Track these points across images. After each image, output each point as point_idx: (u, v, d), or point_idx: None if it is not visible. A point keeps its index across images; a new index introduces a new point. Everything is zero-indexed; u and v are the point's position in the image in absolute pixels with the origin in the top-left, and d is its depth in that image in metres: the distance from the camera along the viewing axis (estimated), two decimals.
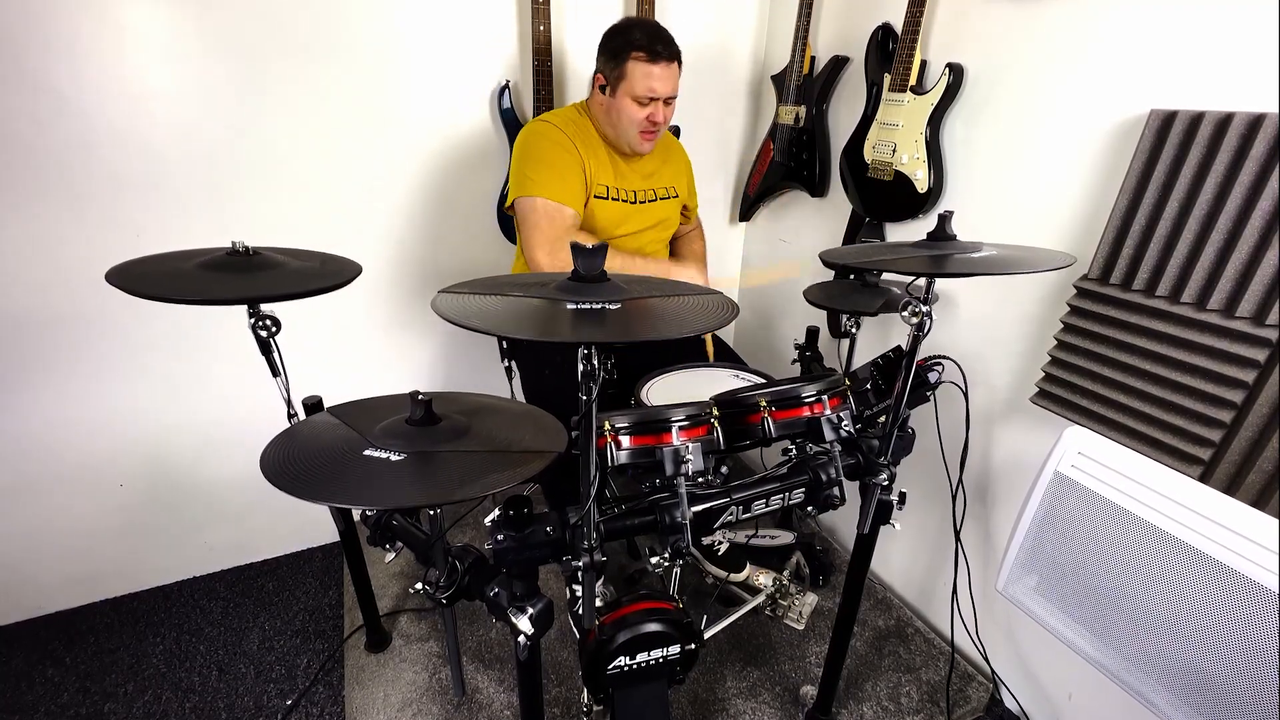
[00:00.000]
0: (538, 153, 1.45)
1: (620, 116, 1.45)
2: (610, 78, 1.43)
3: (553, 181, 1.42)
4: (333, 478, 0.74)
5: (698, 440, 0.98)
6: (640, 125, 1.46)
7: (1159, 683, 1.00)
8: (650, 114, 1.45)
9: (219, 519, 1.83)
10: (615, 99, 1.44)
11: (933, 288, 0.96)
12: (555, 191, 1.42)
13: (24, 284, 1.42)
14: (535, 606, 0.88)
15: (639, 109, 1.44)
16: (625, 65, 1.40)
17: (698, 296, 0.85)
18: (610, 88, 1.44)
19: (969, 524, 1.52)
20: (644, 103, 1.43)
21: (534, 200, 1.42)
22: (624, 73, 1.41)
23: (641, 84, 1.41)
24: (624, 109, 1.44)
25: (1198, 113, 1.00)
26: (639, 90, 1.41)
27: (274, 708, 1.48)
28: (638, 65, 1.40)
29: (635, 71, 1.40)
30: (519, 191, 1.44)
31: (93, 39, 1.32)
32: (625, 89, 1.42)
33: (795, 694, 1.48)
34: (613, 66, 1.42)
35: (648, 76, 1.40)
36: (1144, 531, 0.97)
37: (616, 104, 1.44)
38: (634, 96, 1.42)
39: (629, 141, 1.49)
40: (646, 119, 1.45)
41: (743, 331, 2.37)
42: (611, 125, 1.49)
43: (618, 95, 1.43)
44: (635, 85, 1.41)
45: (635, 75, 1.40)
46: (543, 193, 1.41)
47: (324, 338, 1.76)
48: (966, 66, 1.38)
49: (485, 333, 0.68)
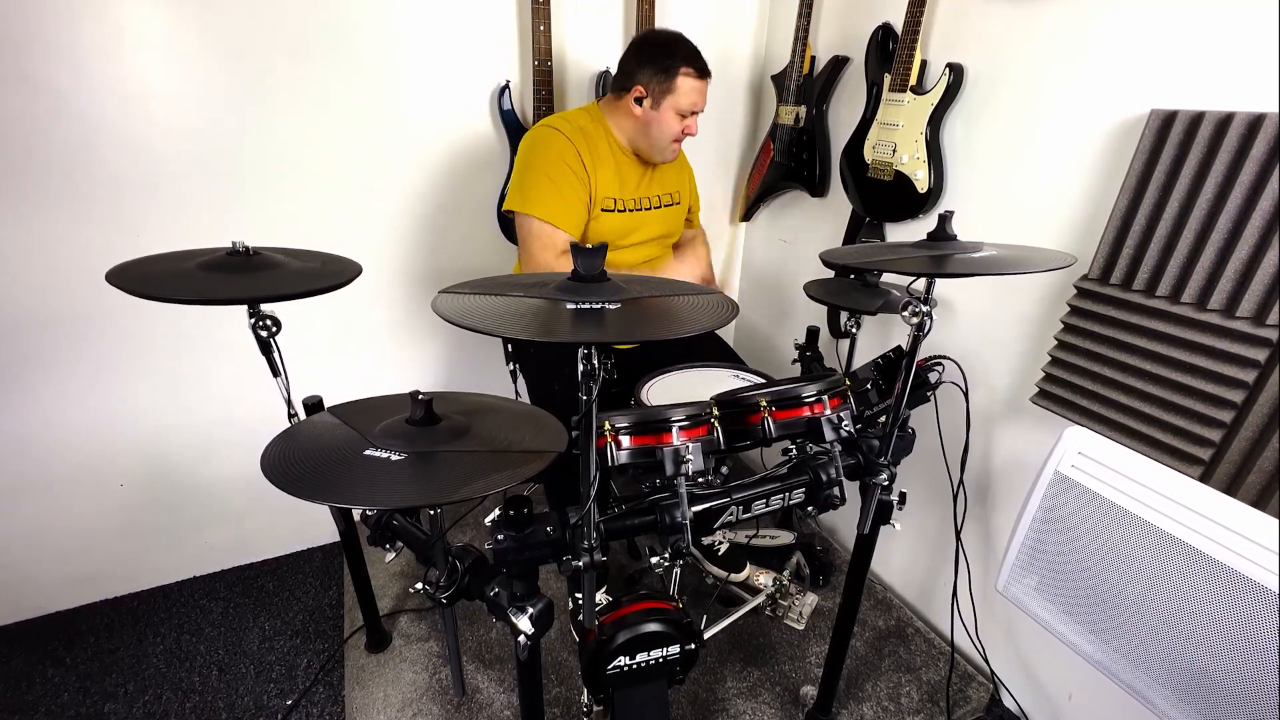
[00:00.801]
0: (542, 165, 1.45)
1: (661, 128, 1.51)
2: (655, 91, 1.48)
3: (552, 202, 1.44)
4: (333, 478, 0.74)
5: (698, 440, 0.98)
6: (676, 136, 1.54)
7: (1159, 682, 1.00)
8: (687, 126, 1.53)
9: (219, 519, 1.83)
10: (659, 111, 1.49)
11: (933, 288, 0.96)
12: (552, 213, 1.44)
13: (24, 284, 1.43)
14: (535, 606, 0.88)
15: (679, 121, 1.51)
16: (675, 80, 1.46)
17: (698, 296, 0.85)
18: (654, 100, 1.48)
19: (969, 524, 1.52)
20: (685, 116, 1.51)
21: (530, 221, 1.44)
22: (673, 87, 1.47)
23: (687, 99, 1.48)
24: (666, 121, 1.50)
25: (1198, 113, 1.00)
26: (684, 104, 1.49)
27: (274, 708, 1.48)
28: (687, 81, 1.47)
29: (684, 86, 1.47)
30: (518, 205, 1.46)
31: (93, 39, 1.32)
32: (670, 102, 1.48)
33: (795, 694, 1.48)
34: (661, 80, 1.47)
35: (694, 92, 1.48)
36: (1144, 531, 0.97)
37: (659, 116, 1.50)
38: (678, 109, 1.49)
39: (662, 152, 1.56)
40: (683, 130, 1.53)
41: (743, 331, 2.37)
42: (648, 137, 1.53)
43: (661, 108, 1.49)
44: (681, 99, 1.48)
45: (683, 90, 1.47)
46: (539, 213, 1.43)
47: (324, 338, 1.76)
48: (966, 66, 1.38)
49: (485, 333, 0.68)
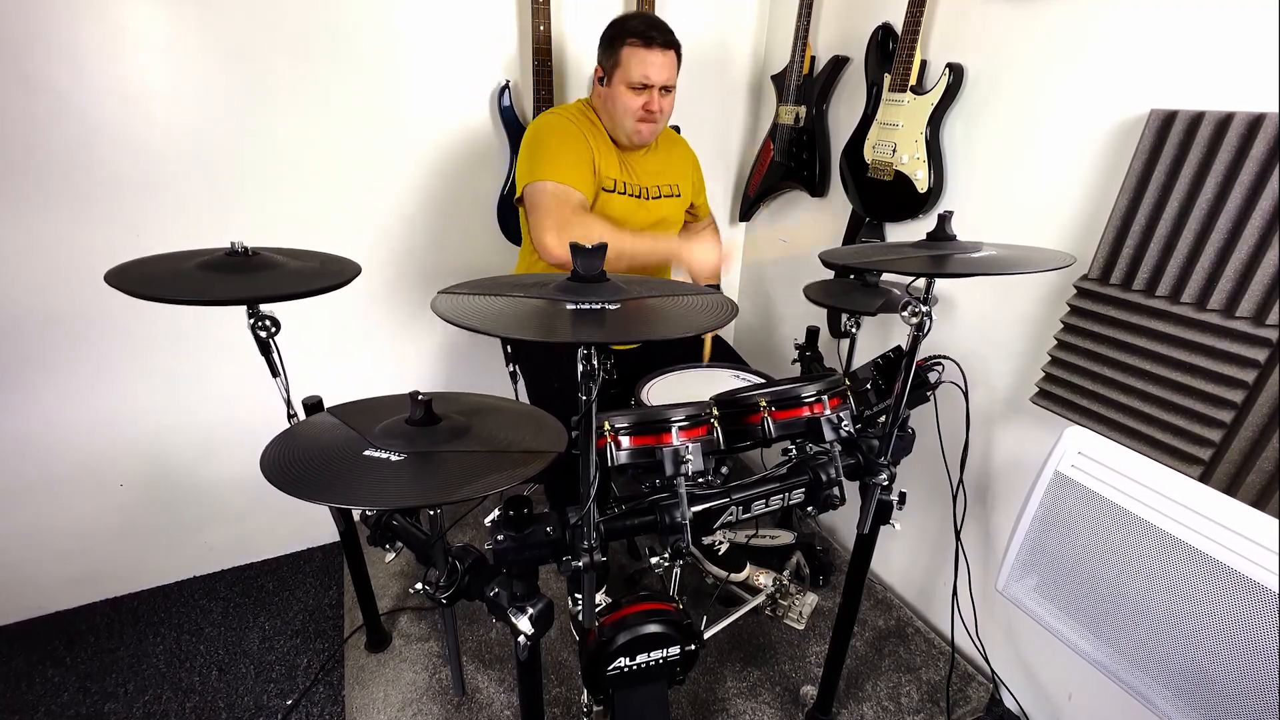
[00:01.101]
0: (547, 140, 1.45)
1: (616, 105, 1.46)
2: (607, 67, 1.45)
3: (562, 166, 1.42)
4: (333, 478, 0.74)
5: (698, 440, 0.98)
6: (636, 114, 1.46)
7: (1159, 682, 1.00)
8: (646, 102, 1.45)
9: (219, 519, 1.83)
10: (611, 88, 1.45)
11: (933, 288, 0.96)
12: (564, 175, 1.41)
13: (24, 284, 1.43)
14: (535, 606, 0.88)
15: (634, 96, 1.44)
16: (620, 52, 1.41)
17: (697, 296, 0.85)
18: (607, 77, 1.45)
19: (969, 524, 1.52)
20: (638, 89, 1.43)
21: (543, 184, 1.40)
22: (619, 60, 1.42)
23: (636, 70, 1.41)
24: (619, 97, 1.45)
25: (1198, 113, 1.00)
26: (634, 76, 1.41)
27: (274, 708, 1.48)
28: (632, 51, 1.41)
29: (630, 58, 1.41)
30: (528, 178, 1.42)
31: (93, 39, 1.32)
32: (620, 76, 1.43)
33: (795, 694, 1.48)
34: (609, 54, 1.43)
35: (642, 63, 1.41)
36: (1144, 531, 0.97)
37: (613, 93, 1.45)
38: (629, 83, 1.42)
39: (626, 132, 1.49)
40: (642, 107, 1.45)
41: (743, 331, 2.37)
42: (610, 116, 1.49)
43: (613, 84, 1.44)
44: (630, 71, 1.41)
45: (630, 61, 1.41)
46: (551, 176, 1.40)
47: (324, 338, 1.76)
48: (966, 66, 1.38)
49: (484, 333, 0.68)
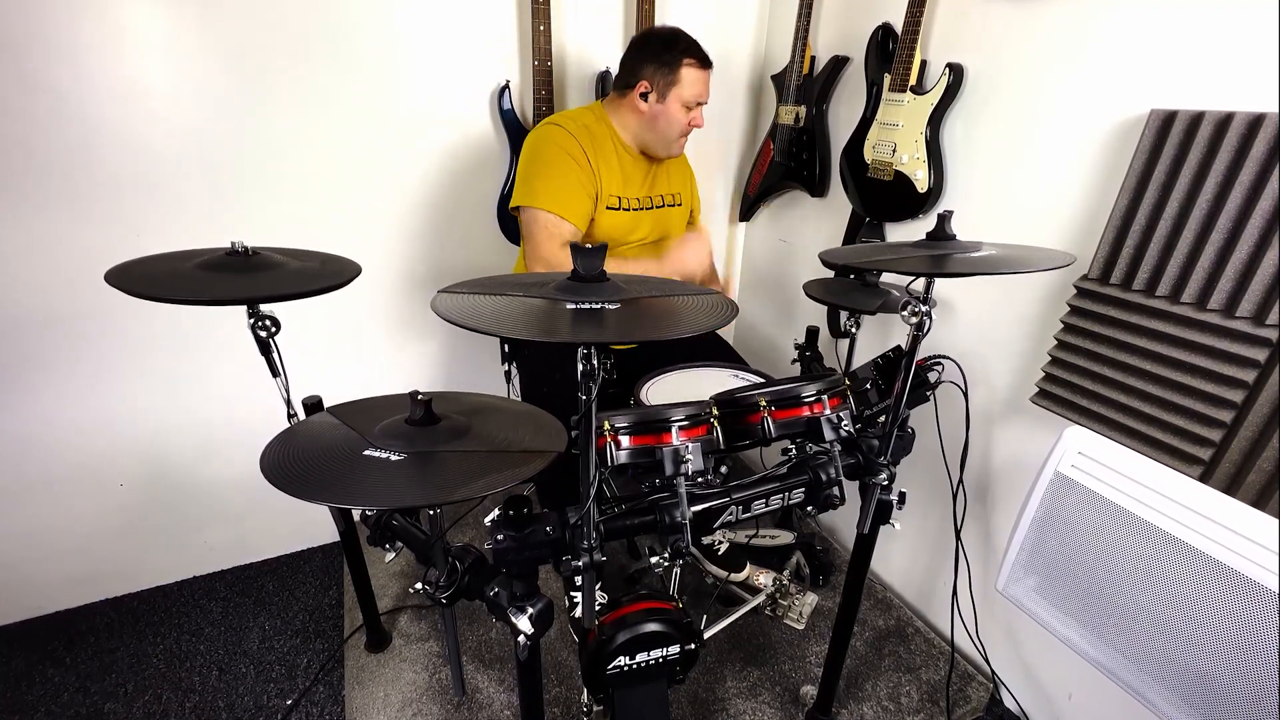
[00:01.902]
0: (547, 160, 1.46)
1: (669, 121, 1.51)
2: (660, 84, 1.48)
3: (557, 194, 1.44)
4: (332, 478, 0.74)
5: (697, 440, 0.98)
6: (684, 129, 1.54)
7: (1159, 682, 1.00)
8: (693, 118, 1.53)
9: (219, 519, 1.83)
10: (665, 104, 1.50)
11: (932, 288, 0.96)
12: (558, 205, 1.44)
13: (24, 284, 1.43)
14: (535, 606, 0.88)
15: (685, 113, 1.52)
16: (679, 71, 1.47)
17: (697, 296, 0.85)
18: (659, 94, 1.49)
19: (969, 524, 1.52)
20: (691, 107, 1.51)
21: (536, 213, 1.44)
22: (677, 79, 1.48)
23: (692, 89, 1.49)
24: (673, 114, 1.50)
25: (1198, 113, 1.00)
26: (688, 95, 1.49)
27: (274, 707, 1.48)
28: (691, 71, 1.48)
29: (688, 77, 1.48)
30: (524, 200, 1.46)
31: (93, 39, 1.32)
32: (676, 94, 1.49)
33: (795, 694, 1.48)
34: (665, 73, 1.47)
35: (698, 82, 1.49)
36: (1144, 531, 0.97)
37: (666, 109, 1.50)
38: (684, 101, 1.50)
39: (669, 145, 1.56)
40: (689, 123, 1.53)
41: (743, 331, 2.37)
42: (655, 131, 1.53)
43: (668, 100, 1.49)
44: (685, 90, 1.48)
45: (688, 81, 1.48)
46: (545, 205, 1.44)
47: (324, 338, 1.76)
48: (966, 66, 1.38)
49: (484, 333, 0.68)
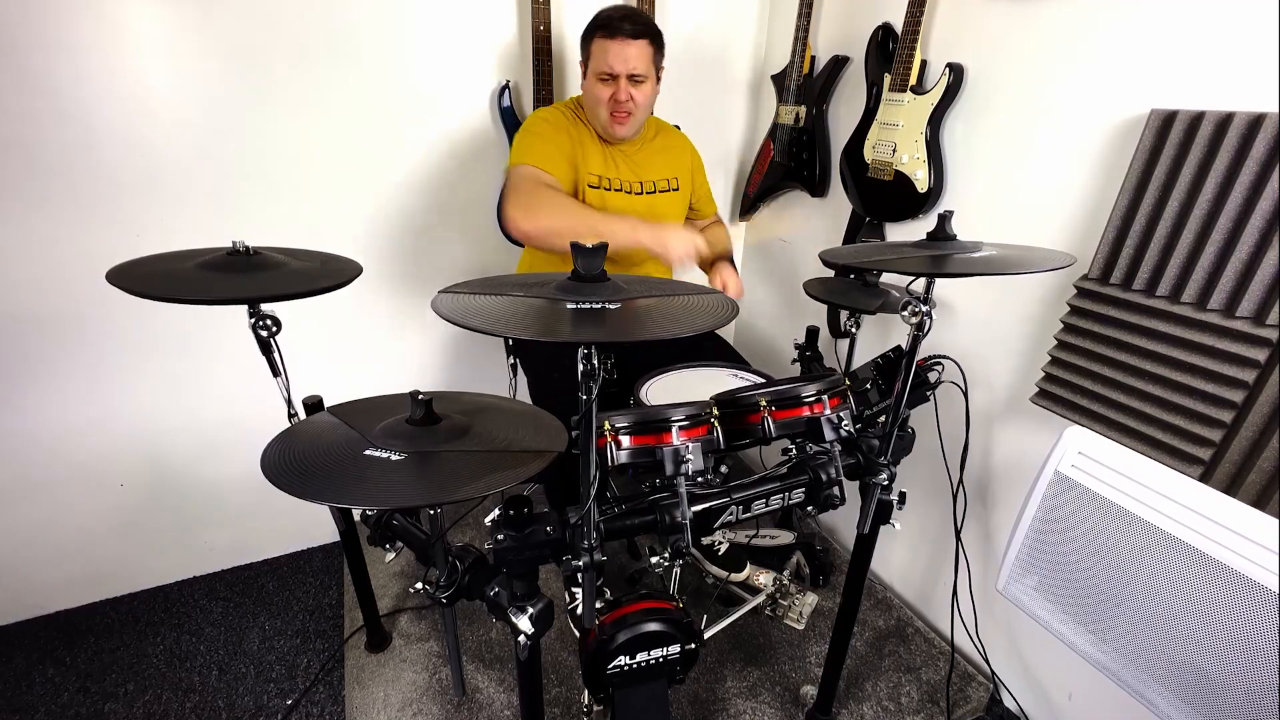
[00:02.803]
0: (529, 131, 1.48)
1: (589, 97, 1.48)
2: (583, 59, 1.48)
3: (540, 150, 1.44)
4: (333, 478, 0.74)
5: (698, 440, 0.98)
6: (606, 105, 1.46)
7: (1159, 682, 1.00)
8: (614, 92, 1.44)
9: (219, 519, 1.83)
10: (586, 80, 1.47)
11: (933, 288, 0.96)
12: (540, 158, 1.43)
13: (25, 284, 1.43)
14: (535, 606, 0.88)
15: (604, 87, 1.44)
16: (590, 45, 1.44)
17: (698, 296, 0.85)
18: (584, 70, 1.48)
19: (969, 524, 1.52)
20: (605, 79, 1.44)
21: (519, 168, 1.43)
22: (589, 52, 1.45)
23: (601, 60, 1.42)
24: (591, 89, 1.47)
25: (1198, 113, 1.00)
26: (600, 66, 1.43)
27: (274, 708, 1.48)
28: (600, 42, 1.42)
29: (597, 49, 1.43)
30: (509, 165, 1.46)
31: (93, 40, 1.32)
32: (591, 68, 1.45)
33: (795, 694, 1.48)
34: (583, 47, 1.46)
35: (605, 53, 1.41)
36: (1144, 531, 0.97)
37: (587, 85, 1.48)
38: (597, 74, 1.44)
39: (601, 124, 1.50)
40: (610, 98, 1.45)
41: (743, 331, 2.37)
42: (589, 108, 1.51)
43: (587, 76, 1.47)
44: (598, 63, 1.43)
45: (596, 52, 1.43)
46: (527, 159, 1.43)
47: (324, 338, 1.76)
48: (966, 66, 1.38)
49: (485, 333, 0.68)
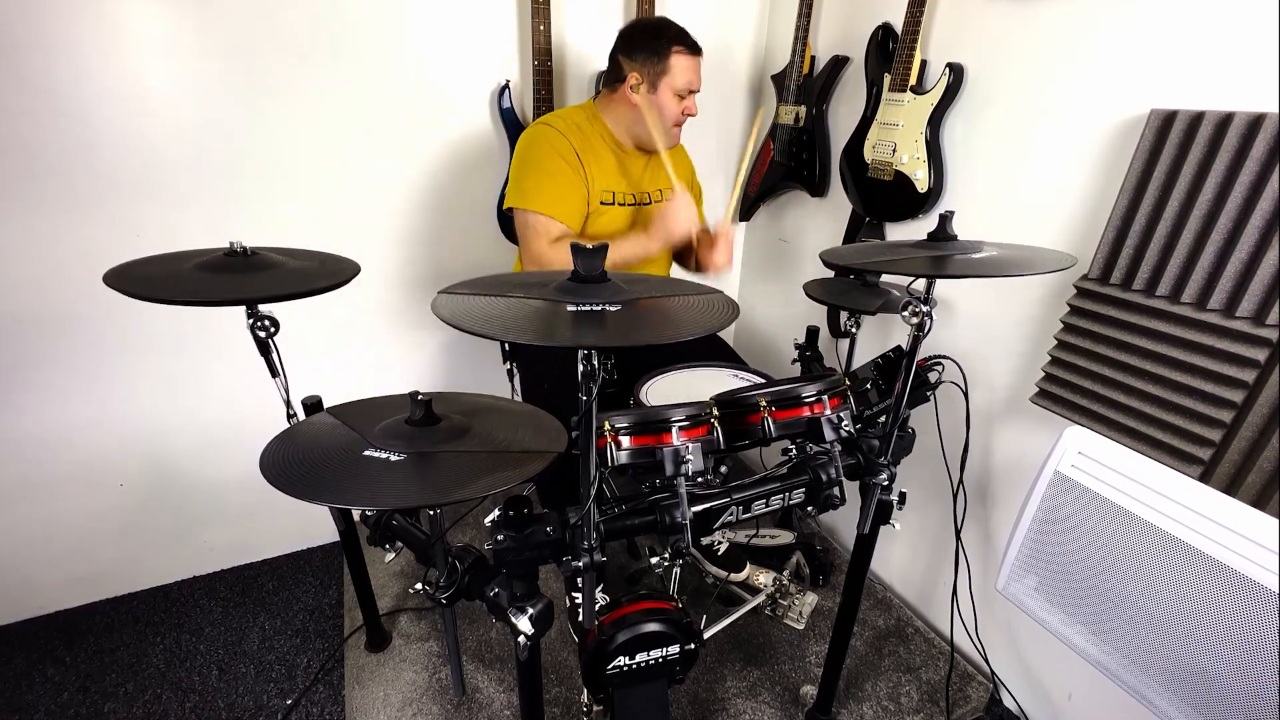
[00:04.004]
0: (537, 161, 1.46)
1: (662, 111, 1.49)
2: (650, 74, 1.47)
3: (549, 195, 1.44)
4: (332, 478, 0.74)
5: (698, 440, 0.98)
6: (677, 118, 1.52)
7: (1159, 682, 1.00)
8: (686, 106, 1.51)
9: (219, 519, 1.83)
10: (656, 94, 1.48)
11: (933, 288, 0.96)
12: (549, 205, 1.44)
13: (24, 284, 1.42)
14: (535, 607, 0.88)
15: (678, 102, 1.49)
16: (668, 60, 1.45)
17: (698, 297, 0.85)
18: (650, 84, 1.47)
19: (969, 524, 1.52)
20: (683, 96, 1.49)
21: (527, 215, 1.44)
22: (667, 67, 1.45)
23: (683, 77, 1.46)
24: (665, 104, 1.49)
25: (1198, 113, 1.00)
26: (680, 83, 1.47)
27: (274, 707, 1.48)
28: (680, 59, 1.45)
29: (678, 65, 1.46)
30: (515, 201, 1.46)
31: (93, 40, 1.31)
32: (667, 83, 1.47)
33: (795, 694, 1.48)
34: (655, 62, 1.46)
35: (688, 70, 1.47)
36: (1144, 531, 0.97)
37: (658, 99, 1.48)
38: (675, 90, 1.47)
39: (665, 136, 1.53)
40: (682, 112, 1.51)
41: (743, 331, 2.37)
42: (649, 122, 1.51)
43: (659, 90, 1.47)
44: (677, 78, 1.46)
45: (678, 69, 1.46)
46: (536, 206, 1.43)
47: (323, 338, 1.76)
48: (966, 66, 1.38)
49: (484, 336, 0.67)
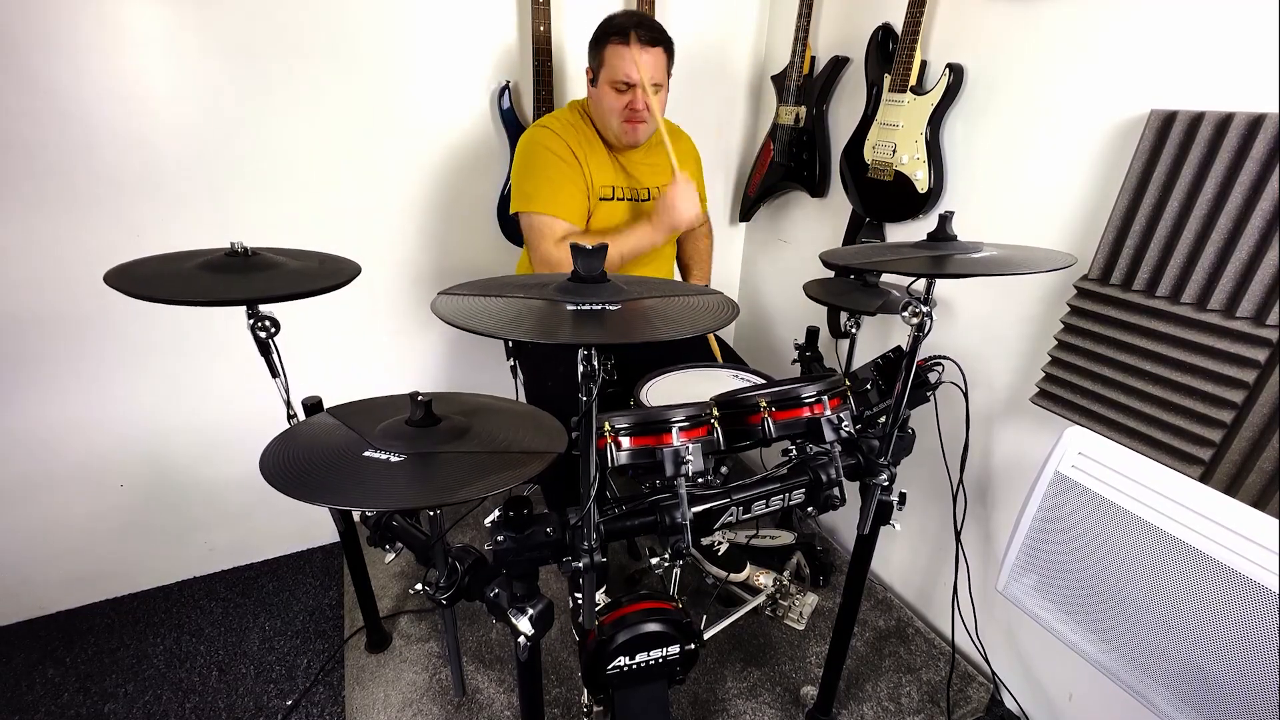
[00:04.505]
0: (537, 165, 1.45)
1: (602, 106, 1.45)
2: (594, 67, 1.44)
3: (551, 195, 1.44)
4: (332, 479, 0.74)
5: (698, 441, 0.98)
6: (621, 114, 1.44)
7: (1159, 682, 1.00)
8: (630, 101, 1.42)
9: (219, 519, 1.83)
10: (598, 88, 1.45)
11: (933, 288, 0.96)
12: (553, 205, 1.44)
13: (25, 284, 1.42)
14: (535, 607, 0.88)
15: (618, 96, 1.42)
16: (604, 51, 1.41)
17: (698, 297, 0.85)
18: (594, 77, 1.45)
19: (969, 524, 1.52)
20: (621, 88, 1.41)
21: (533, 217, 1.45)
22: (603, 59, 1.41)
23: (619, 69, 1.39)
24: (604, 98, 1.44)
25: (1198, 113, 1.00)
26: (616, 75, 1.40)
27: (274, 708, 1.48)
28: (615, 50, 1.39)
29: (612, 57, 1.39)
30: (520, 205, 1.46)
31: (93, 39, 1.31)
32: (605, 75, 1.41)
33: (795, 694, 1.48)
34: (595, 54, 1.43)
35: (623, 61, 1.38)
36: (1144, 532, 0.97)
37: (599, 93, 1.45)
38: (612, 82, 1.41)
39: (614, 132, 1.47)
40: (626, 106, 1.43)
41: (743, 331, 2.37)
42: (599, 116, 1.48)
43: (599, 84, 1.44)
44: (613, 71, 1.40)
45: (612, 60, 1.39)
46: (540, 208, 1.43)
47: (323, 338, 1.76)
48: (966, 66, 1.38)
49: (485, 334, 0.68)
